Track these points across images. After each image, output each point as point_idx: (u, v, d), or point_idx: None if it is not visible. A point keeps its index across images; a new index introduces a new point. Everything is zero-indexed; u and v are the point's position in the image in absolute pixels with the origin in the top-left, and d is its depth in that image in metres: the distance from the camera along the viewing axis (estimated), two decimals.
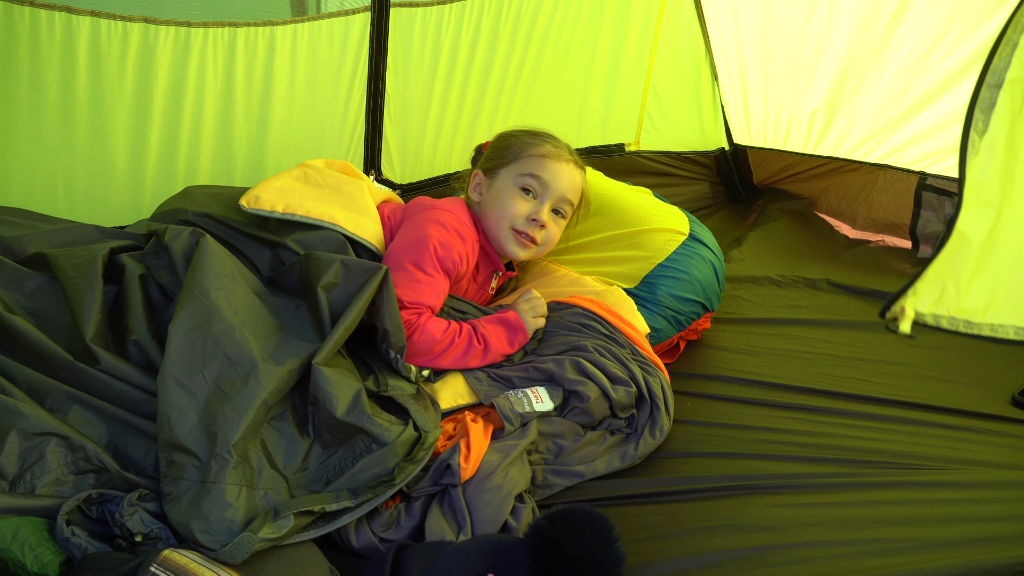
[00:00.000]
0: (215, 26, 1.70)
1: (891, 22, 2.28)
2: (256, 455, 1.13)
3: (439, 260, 1.47)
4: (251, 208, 1.46)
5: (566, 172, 1.60)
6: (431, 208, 1.55)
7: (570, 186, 1.60)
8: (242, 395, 1.13)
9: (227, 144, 1.82)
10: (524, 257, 1.62)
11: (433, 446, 1.23)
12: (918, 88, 2.30)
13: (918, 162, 2.42)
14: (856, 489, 1.31)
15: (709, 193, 2.89)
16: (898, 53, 2.30)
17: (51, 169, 1.63)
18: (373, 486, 1.15)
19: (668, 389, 1.50)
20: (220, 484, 1.07)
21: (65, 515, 1.02)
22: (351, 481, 1.16)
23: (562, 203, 1.60)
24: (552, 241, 1.63)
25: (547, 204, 1.58)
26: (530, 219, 1.57)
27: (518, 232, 1.57)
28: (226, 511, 1.05)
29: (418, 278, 1.44)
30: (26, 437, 1.07)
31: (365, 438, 1.19)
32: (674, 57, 2.66)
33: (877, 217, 2.56)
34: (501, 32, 2.17)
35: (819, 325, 1.93)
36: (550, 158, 1.59)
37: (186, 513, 1.05)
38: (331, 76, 1.92)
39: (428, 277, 1.45)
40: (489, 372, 1.44)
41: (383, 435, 1.18)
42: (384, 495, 1.15)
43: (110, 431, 1.16)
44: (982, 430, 1.49)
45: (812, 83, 2.54)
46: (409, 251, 1.47)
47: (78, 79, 1.58)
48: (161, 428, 1.11)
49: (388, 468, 1.17)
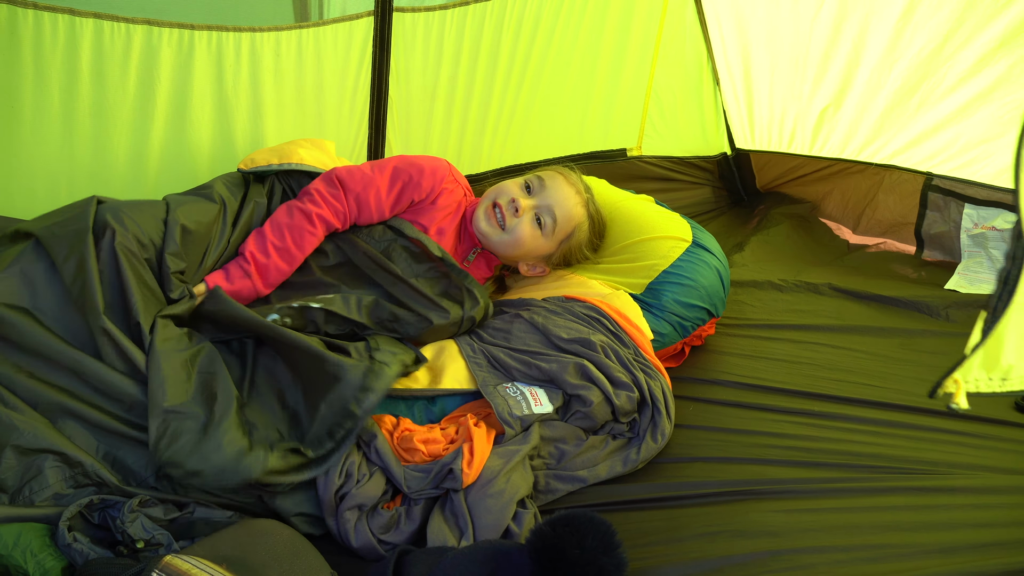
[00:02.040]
0: (218, 30, 1.70)
1: (900, 20, 2.27)
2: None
3: (393, 170, 1.58)
4: (249, 168, 1.57)
5: (568, 193, 1.68)
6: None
7: (564, 203, 1.66)
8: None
9: (230, 148, 1.82)
10: (484, 230, 1.64)
11: (389, 377, 1.26)
12: (926, 87, 2.29)
13: (924, 162, 2.41)
14: (859, 494, 1.31)
15: (711, 198, 2.89)
16: (907, 51, 2.29)
17: (54, 171, 1.63)
18: (340, 422, 1.21)
19: (669, 393, 1.49)
20: (220, 427, 1.15)
21: (67, 521, 1.02)
22: (322, 424, 1.23)
23: (547, 213, 1.65)
24: (520, 240, 1.64)
25: (534, 200, 1.65)
26: (511, 199, 1.63)
27: (494, 205, 1.64)
28: (227, 443, 1.13)
29: (360, 168, 1.58)
30: (23, 452, 1.08)
31: (330, 379, 1.26)
32: (676, 62, 2.66)
33: (882, 218, 2.55)
34: (504, 37, 2.17)
35: (821, 330, 1.93)
36: (564, 178, 1.69)
37: (190, 453, 1.11)
38: (335, 81, 1.92)
39: (367, 172, 1.56)
40: (489, 358, 1.44)
41: (339, 371, 1.25)
42: (352, 430, 1.21)
43: (107, 443, 1.16)
44: (985, 435, 1.48)
45: (820, 84, 2.53)
46: (373, 162, 1.63)
47: (81, 81, 1.58)
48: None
49: (347, 402, 1.22)
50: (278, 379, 1.32)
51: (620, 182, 2.22)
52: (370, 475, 1.23)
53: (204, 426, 1.16)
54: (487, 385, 1.38)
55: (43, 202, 1.62)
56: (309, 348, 1.28)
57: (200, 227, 1.40)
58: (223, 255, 1.45)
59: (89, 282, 1.22)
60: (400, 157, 1.64)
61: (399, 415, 1.37)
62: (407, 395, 1.38)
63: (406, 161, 1.62)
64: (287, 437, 1.23)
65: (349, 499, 1.19)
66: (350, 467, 1.22)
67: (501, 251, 1.68)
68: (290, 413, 1.28)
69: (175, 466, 1.12)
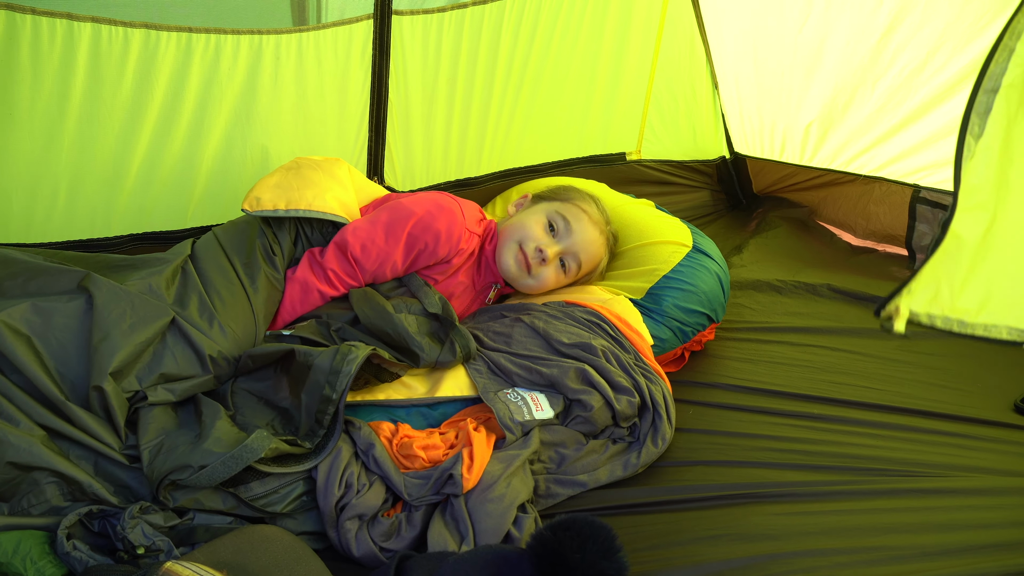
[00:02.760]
0: (216, 33, 1.70)
1: (883, 36, 2.28)
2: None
3: (409, 237, 1.51)
4: (254, 210, 1.49)
5: (593, 236, 1.67)
6: (434, 193, 1.61)
7: (588, 248, 1.67)
8: None
9: (229, 152, 1.82)
10: (512, 274, 1.64)
11: (358, 357, 1.25)
12: (912, 101, 2.30)
13: (912, 174, 2.42)
14: (859, 497, 1.31)
15: (710, 201, 2.89)
16: (892, 67, 2.30)
17: (54, 178, 1.63)
18: (323, 408, 1.22)
19: (670, 398, 1.49)
20: (214, 427, 1.16)
21: (66, 529, 1.02)
22: (308, 414, 1.24)
23: (572, 257, 1.65)
24: (546, 285, 1.66)
25: (560, 247, 1.64)
26: (538, 248, 1.61)
27: (522, 251, 1.61)
28: (225, 435, 1.15)
29: (374, 238, 1.50)
30: (19, 468, 1.07)
31: (304, 369, 1.27)
32: (675, 66, 2.66)
33: (875, 229, 2.56)
34: (503, 40, 2.17)
35: (820, 332, 1.93)
36: (589, 216, 1.67)
37: (191, 454, 1.11)
38: (334, 84, 1.92)
39: (381, 244, 1.50)
40: (489, 364, 1.44)
41: (309, 359, 1.26)
42: (335, 414, 1.23)
43: (104, 464, 1.16)
44: (984, 437, 1.48)
45: (806, 96, 2.53)
46: (391, 210, 1.53)
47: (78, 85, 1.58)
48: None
49: (321, 387, 1.23)
50: (258, 390, 1.34)
51: (620, 186, 2.22)
52: (370, 484, 1.22)
53: (197, 436, 1.17)
54: (488, 392, 1.38)
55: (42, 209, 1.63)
56: (281, 348, 1.32)
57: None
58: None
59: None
60: (416, 217, 1.52)
61: (398, 420, 1.36)
62: (407, 405, 1.38)
63: (422, 225, 1.51)
64: (282, 432, 1.25)
65: (349, 509, 1.19)
66: (349, 477, 1.21)
67: (523, 290, 1.70)
68: (280, 410, 1.30)
69: (181, 469, 1.11)
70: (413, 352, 1.39)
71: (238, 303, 1.39)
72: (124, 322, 1.22)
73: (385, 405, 1.38)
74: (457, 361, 1.43)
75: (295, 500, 1.20)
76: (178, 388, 1.26)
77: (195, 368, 1.28)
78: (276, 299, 1.46)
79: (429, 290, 1.53)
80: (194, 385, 1.28)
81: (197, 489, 1.13)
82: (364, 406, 1.37)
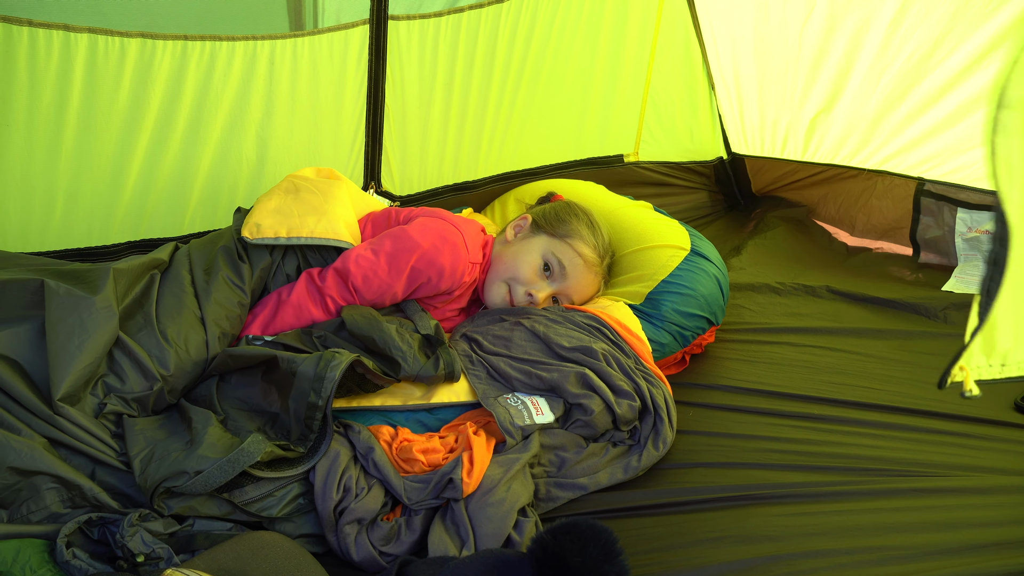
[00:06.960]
0: (212, 40, 1.70)
1: (889, 27, 2.28)
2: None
3: (412, 271, 1.49)
4: (255, 238, 1.47)
5: (587, 280, 1.67)
6: (438, 220, 1.57)
7: (582, 291, 1.68)
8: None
9: (225, 159, 1.83)
10: (498, 308, 1.64)
11: (342, 362, 1.24)
12: (916, 93, 2.31)
13: (916, 167, 2.42)
14: (859, 497, 1.31)
15: (708, 202, 2.90)
16: (897, 58, 2.30)
17: (52, 187, 1.63)
18: (311, 415, 1.22)
19: (671, 400, 1.49)
20: (206, 432, 1.16)
21: (65, 537, 1.01)
22: (297, 419, 1.24)
23: (565, 298, 1.67)
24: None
25: (553, 289, 1.64)
26: (528, 292, 1.61)
27: (511, 293, 1.62)
28: (218, 440, 1.15)
29: (376, 269, 1.47)
30: (19, 473, 1.07)
31: (289, 376, 1.27)
32: (672, 68, 2.67)
33: (877, 223, 2.56)
34: (499, 43, 2.17)
35: (820, 332, 1.93)
36: (585, 262, 1.65)
37: (185, 460, 1.11)
38: (331, 90, 1.93)
39: (384, 276, 1.47)
40: (488, 369, 1.44)
41: (292, 366, 1.26)
42: (324, 419, 1.23)
43: (102, 470, 1.15)
44: (984, 436, 1.48)
45: (810, 90, 2.54)
46: (394, 239, 1.50)
47: (75, 95, 1.58)
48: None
49: (306, 395, 1.23)
50: (246, 396, 1.33)
51: (618, 188, 2.23)
52: (368, 488, 1.22)
53: (188, 442, 1.17)
54: (487, 397, 1.38)
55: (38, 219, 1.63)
56: (263, 353, 1.31)
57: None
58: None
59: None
60: (421, 251, 1.49)
61: (397, 425, 1.36)
62: (404, 411, 1.38)
63: (427, 260, 1.49)
64: (273, 436, 1.25)
65: (348, 513, 1.18)
66: (348, 481, 1.21)
67: None
68: (270, 415, 1.30)
69: (176, 476, 1.10)
70: (395, 361, 1.36)
71: (185, 312, 1.34)
72: (71, 343, 1.18)
73: (383, 411, 1.37)
74: (439, 377, 1.40)
75: (291, 503, 1.20)
76: (131, 400, 1.24)
77: (142, 383, 1.25)
78: (234, 303, 1.42)
79: (425, 315, 1.52)
80: (143, 398, 1.25)
81: (192, 496, 1.13)
82: (361, 411, 1.37)
